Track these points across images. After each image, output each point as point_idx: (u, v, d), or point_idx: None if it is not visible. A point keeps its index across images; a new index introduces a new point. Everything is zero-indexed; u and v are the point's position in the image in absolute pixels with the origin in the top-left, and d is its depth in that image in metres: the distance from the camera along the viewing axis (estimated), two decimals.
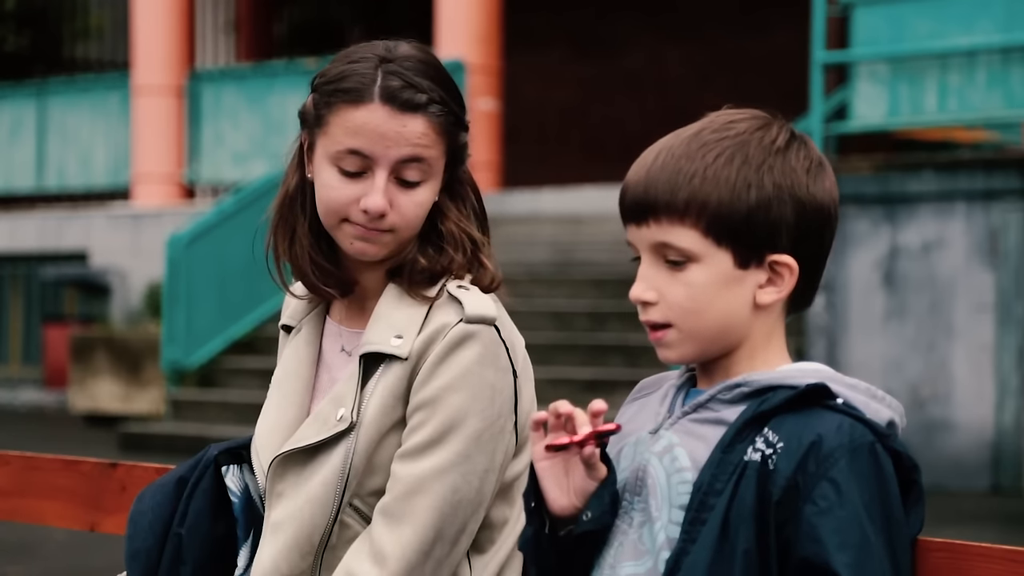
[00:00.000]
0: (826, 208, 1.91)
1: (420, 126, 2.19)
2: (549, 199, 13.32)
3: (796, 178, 1.89)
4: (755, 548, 1.79)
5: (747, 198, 1.86)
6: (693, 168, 1.87)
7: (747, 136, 1.90)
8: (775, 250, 1.88)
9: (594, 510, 1.89)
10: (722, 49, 15.81)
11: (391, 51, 2.22)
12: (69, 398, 14.02)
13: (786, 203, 1.87)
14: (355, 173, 2.20)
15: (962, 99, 9.96)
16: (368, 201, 2.19)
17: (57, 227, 15.69)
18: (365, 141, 2.18)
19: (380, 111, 2.18)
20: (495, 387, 2.19)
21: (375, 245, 2.23)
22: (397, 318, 2.23)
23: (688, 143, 1.90)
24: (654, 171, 1.90)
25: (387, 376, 2.21)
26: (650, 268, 1.91)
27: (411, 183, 2.21)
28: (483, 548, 2.26)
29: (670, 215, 1.88)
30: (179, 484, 2.35)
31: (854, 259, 10.08)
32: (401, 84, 2.18)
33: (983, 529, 8.13)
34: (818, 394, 1.85)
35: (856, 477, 1.78)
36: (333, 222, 2.24)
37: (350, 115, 2.19)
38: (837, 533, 1.76)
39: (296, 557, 2.23)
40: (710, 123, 1.93)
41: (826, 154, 10.19)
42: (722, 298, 1.89)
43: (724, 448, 1.84)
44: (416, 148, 2.19)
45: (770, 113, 1.95)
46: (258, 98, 14.84)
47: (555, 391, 10.25)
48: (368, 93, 2.18)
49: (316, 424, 2.25)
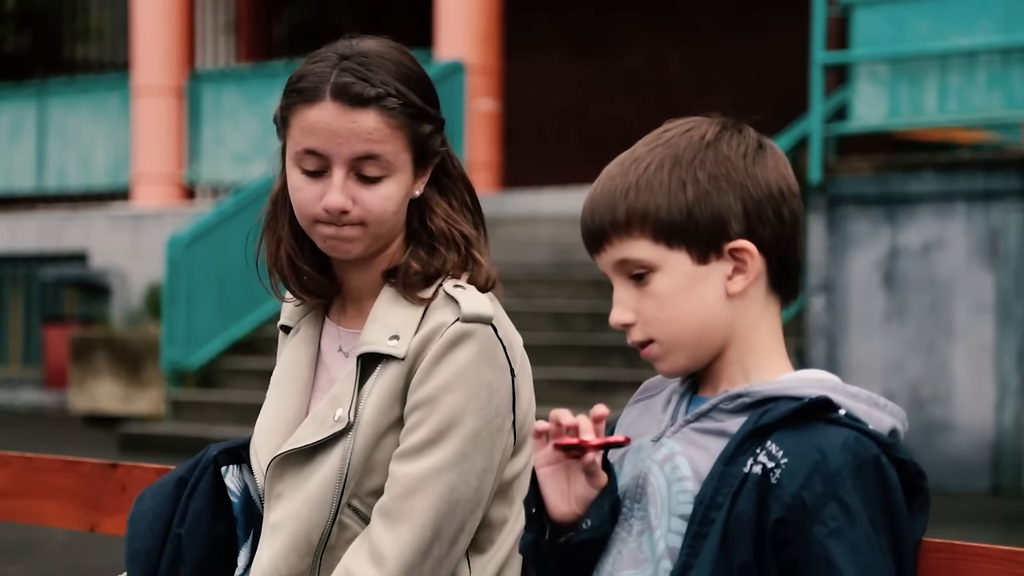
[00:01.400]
0: (773, 187, 1.90)
1: (371, 121, 2.18)
2: (549, 199, 13.32)
3: (731, 165, 1.89)
4: (753, 563, 1.79)
5: (684, 196, 1.88)
6: (627, 183, 1.90)
7: (676, 138, 1.92)
8: (729, 238, 1.89)
9: (594, 518, 1.89)
10: (722, 49, 15.80)
11: (352, 47, 2.23)
12: (69, 398, 14.02)
13: (725, 191, 1.88)
14: (315, 172, 2.21)
15: (962, 100, 9.96)
16: (327, 200, 2.19)
17: (57, 228, 15.69)
18: (318, 140, 2.19)
19: (330, 108, 2.18)
20: (492, 386, 2.19)
21: (347, 243, 2.22)
22: (393, 319, 2.23)
23: (623, 163, 1.94)
24: (596, 198, 1.93)
25: (384, 376, 2.21)
26: (621, 290, 1.94)
27: (371, 178, 2.21)
28: (482, 548, 2.26)
29: (618, 233, 1.91)
30: (179, 485, 2.35)
31: (854, 259, 10.08)
32: (352, 79, 2.18)
33: (983, 530, 8.13)
34: (820, 406, 1.84)
35: (863, 494, 1.78)
36: (307, 224, 2.24)
37: (305, 115, 2.20)
38: (849, 554, 1.76)
39: (295, 558, 2.23)
40: (645, 139, 1.95)
41: (826, 155, 10.19)
42: (692, 298, 1.89)
43: (726, 461, 1.83)
44: (369, 144, 2.19)
45: (708, 114, 1.96)
46: (258, 99, 14.84)
47: (555, 391, 10.27)
48: (320, 92, 2.19)
49: (314, 425, 2.25)
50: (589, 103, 16.71)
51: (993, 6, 9.82)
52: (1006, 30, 9.75)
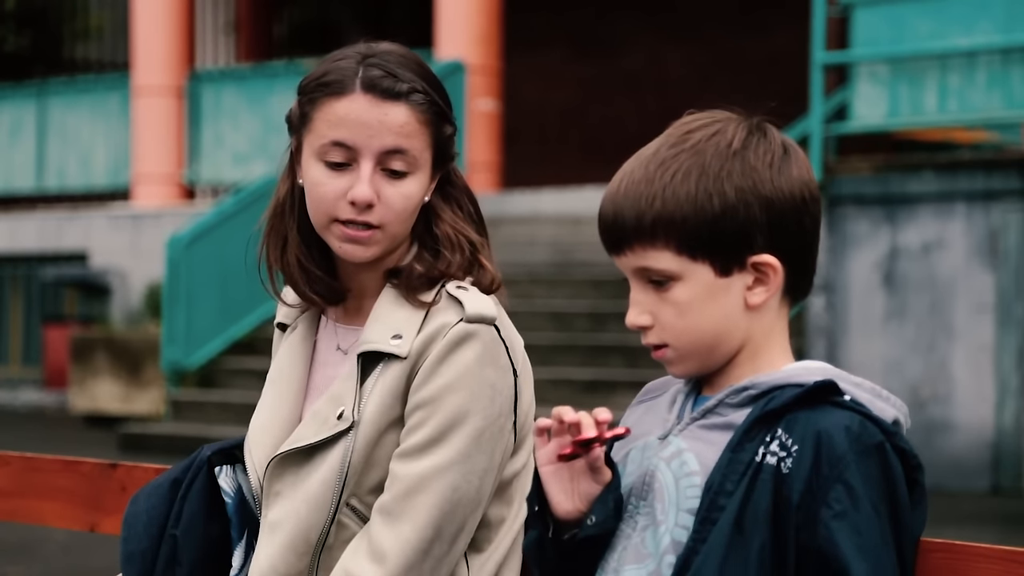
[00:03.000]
0: (797, 196, 1.89)
1: (402, 115, 2.20)
2: (549, 199, 13.32)
3: (758, 176, 1.87)
4: (770, 544, 1.79)
5: (711, 209, 1.86)
6: (653, 191, 1.88)
7: (702, 145, 1.89)
8: (753, 251, 1.88)
9: (598, 514, 1.89)
10: (722, 49, 15.80)
11: (372, 48, 2.25)
12: (69, 399, 14.02)
13: (752, 204, 1.86)
14: (341, 164, 2.20)
15: (962, 100, 9.96)
16: (355, 191, 2.19)
17: (57, 228, 15.69)
18: (348, 131, 2.19)
19: (361, 100, 2.19)
20: (495, 386, 2.20)
21: (363, 246, 2.22)
22: (396, 318, 2.23)
23: (647, 165, 1.90)
24: (619, 200, 1.91)
25: (386, 375, 2.21)
26: (639, 292, 1.92)
27: (397, 173, 2.21)
28: (480, 547, 2.26)
29: (641, 241, 1.89)
30: (173, 486, 2.35)
31: (854, 260, 10.08)
32: (382, 74, 2.20)
33: (983, 530, 8.13)
34: (825, 391, 1.84)
35: (866, 479, 1.79)
36: (323, 222, 2.24)
37: (333, 107, 2.20)
38: (853, 537, 1.77)
39: (293, 557, 2.23)
40: (668, 138, 1.92)
41: (826, 155, 10.19)
42: (712, 309, 1.89)
43: (733, 448, 1.84)
44: (398, 138, 2.20)
45: (731, 110, 1.95)
46: (258, 99, 14.84)
47: (555, 392, 10.27)
48: (350, 84, 2.20)
49: (315, 424, 2.24)
50: (589, 103, 16.71)
51: (993, 6, 9.82)
52: (1006, 30, 9.75)
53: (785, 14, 14.34)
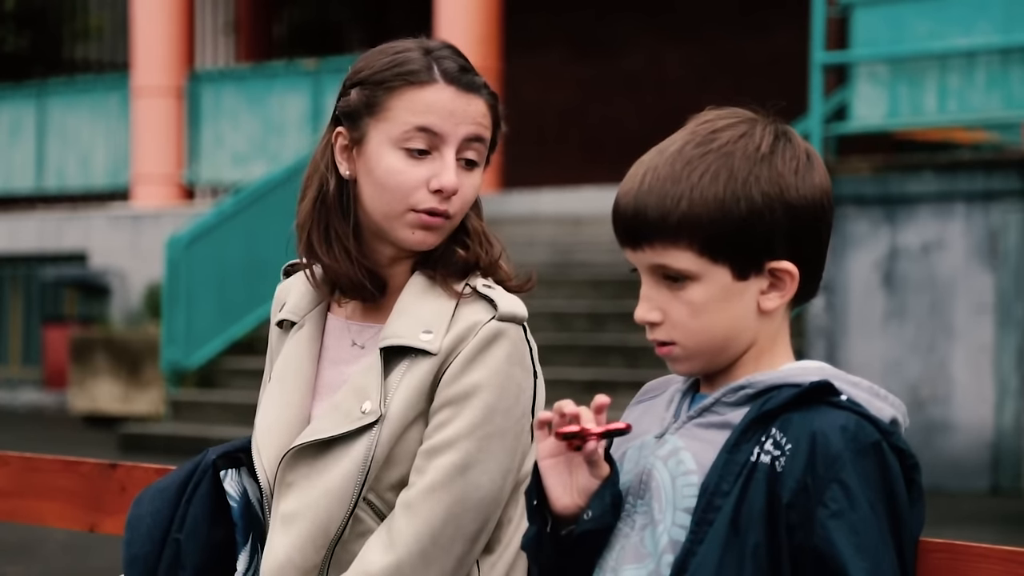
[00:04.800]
0: (818, 204, 1.90)
1: (481, 106, 2.25)
2: (548, 200, 13.32)
3: (784, 183, 1.87)
4: (765, 544, 1.79)
5: (737, 212, 1.85)
6: (680, 190, 1.86)
7: (730, 147, 1.88)
8: (772, 257, 1.88)
9: (595, 509, 1.89)
10: (721, 50, 15.81)
11: (425, 43, 2.27)
12: (69, 399, 14.02)
13: (777, 211, 1.86)
14: (423, 152, 2.21)
15: (962, 100, 9.96)
16: (443, 179, 2.20)
17: (57, 228, 15.69)
18: (436, 118, 2.21)
19: (446, 91, 2.22)
20: (521, 386, 2.21)
21: (434, 233, 2.23)
22: (424, 312, 2.22)
23: (672, 162, 1.88)
24: (642, 195, 1.89)
25: (414, 370, 2.20)
26: (651, 288, 1.91)
27: (472, 163, 2.24)
28: (491, 547, 2.25)
29: (663, 239, 1.87)
30: (177, 489, 2.34)
31: (854, 260, 10.08)
32: (458, 67, 2.24)
33: (982, 530, 8.13)
34: (822, 391, 1.85)
35: (863, 478, 1.78)
36: (398, 210, 2.22)
37: (416, 95, 2.21)
38: (851, 536, 1.77)
39: (311, 550, 2.22)
40: (693, 135, 1.91)
41: (826, 155, 10.19)
42: (725, 312, 1.88)
43: (730, 449, 1.84)
44: (479, 127, 2.24)
45: (753, 110, 1.94)
46: (258, 99, 14.84)
47: (555, 392, 10.18)
48: (431, 74, 2.22)
49: (337, 416, 2.22)
50: (589, 104, 16.71)
51: (992, 6, 9.83)
52: (1005, 30, 9.75)
53: (785, 14, 14.34)
